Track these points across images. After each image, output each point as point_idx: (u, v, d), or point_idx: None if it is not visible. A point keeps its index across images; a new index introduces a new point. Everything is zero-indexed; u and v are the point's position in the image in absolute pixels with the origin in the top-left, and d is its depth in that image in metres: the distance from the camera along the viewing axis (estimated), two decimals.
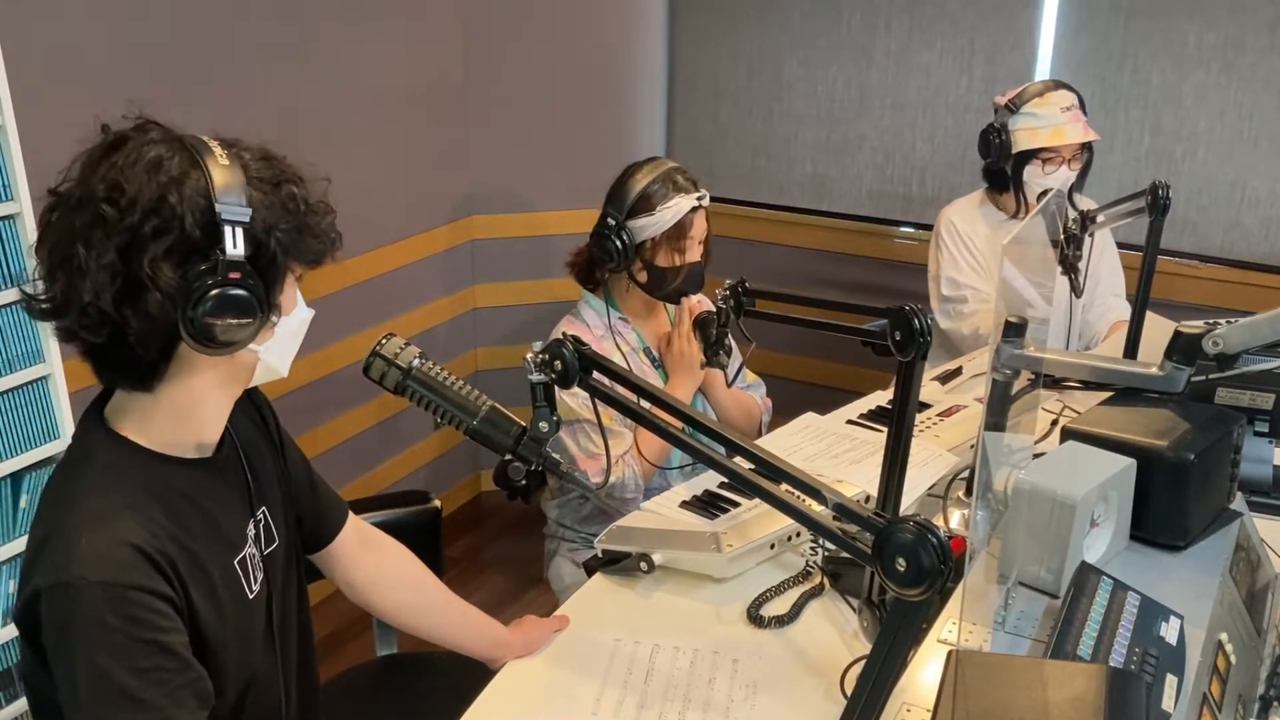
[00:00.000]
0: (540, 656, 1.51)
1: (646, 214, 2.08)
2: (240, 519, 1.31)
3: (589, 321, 2.17)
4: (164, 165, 1.11)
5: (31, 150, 1.68)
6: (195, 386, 1.20)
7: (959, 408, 2.15)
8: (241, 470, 1.34)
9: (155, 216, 1.09)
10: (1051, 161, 2.49)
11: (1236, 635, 1.37)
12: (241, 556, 1.29)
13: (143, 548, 1.13)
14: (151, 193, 1.10)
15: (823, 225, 3.58)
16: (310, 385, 2.90)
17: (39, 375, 1.74)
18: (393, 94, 3.04)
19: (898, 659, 1.02)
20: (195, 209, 1.10)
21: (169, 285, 1.09)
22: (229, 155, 1.14)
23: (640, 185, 2.09)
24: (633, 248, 2.09)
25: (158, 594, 1.13)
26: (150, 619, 1.12)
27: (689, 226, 2.09)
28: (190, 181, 1.11)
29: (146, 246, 1.09)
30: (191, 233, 1.10)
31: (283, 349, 1.24)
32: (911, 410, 1.52)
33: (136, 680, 1.10)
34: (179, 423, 1.22)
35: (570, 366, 1.22)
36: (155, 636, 1.12)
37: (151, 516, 1.17)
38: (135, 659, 1.11)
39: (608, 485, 2.03)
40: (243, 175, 1.13)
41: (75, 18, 2.19)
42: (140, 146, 1.13)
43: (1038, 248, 1.56)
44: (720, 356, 1.87)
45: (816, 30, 3.45)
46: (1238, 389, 1.79)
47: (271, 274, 1.16)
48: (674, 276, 2.11)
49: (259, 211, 1.13)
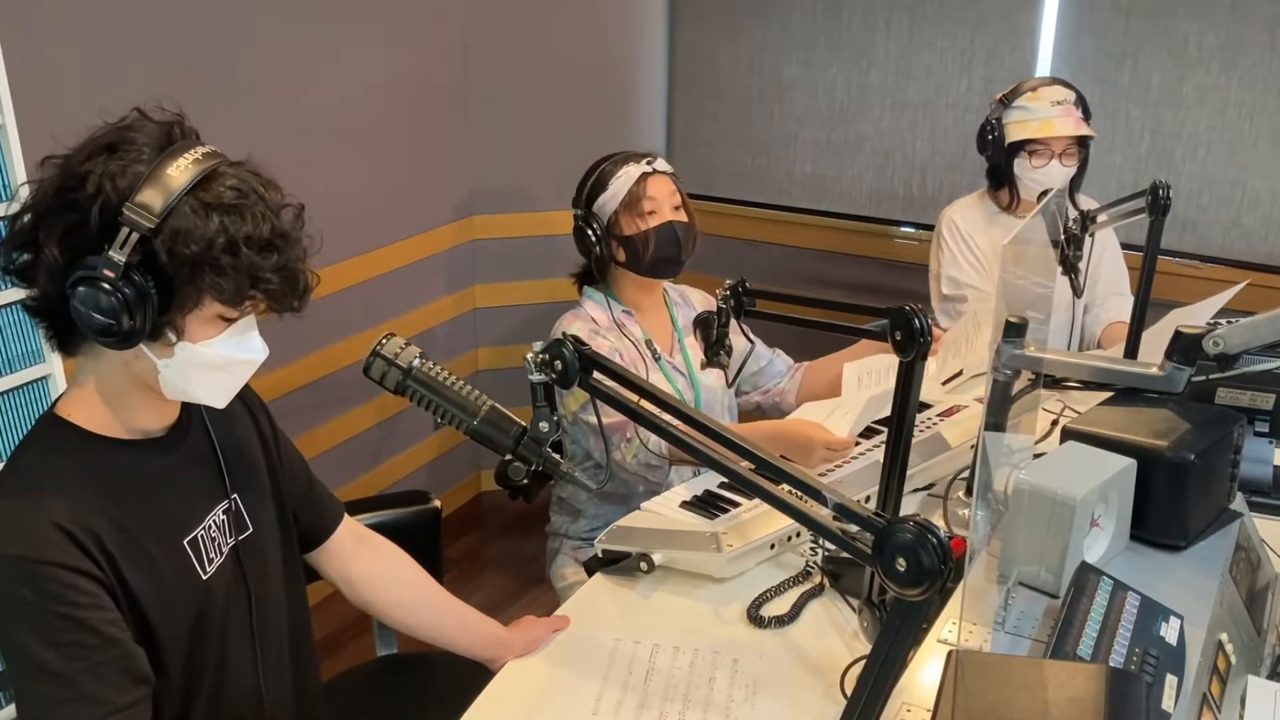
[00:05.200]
0: (540, 656, 1.51)
1: (602, 192, 2.13)
2: (198, 501, 1.32)
3: (593, 315, 2.17)
4: (119, 151, 1.13)
5: (31, 150, 1.68)
6: (111, 374, 1.22)
7: (959, 408, 2.15)
8: (210, 457, 1.35)
9: (72, 193, 1.12)
10: (1040, 155, 2.49)
11: (1236, 635, 1.37)
12: (193, 537, 1.30)
13: (62, 524, 1.15)
14: (83, 170, 1.12)
15: (823, 225, 3.58)
16: (310, 385, 2.90)
17: (39, 375, 1.74)
18: (393, 94, 3.04)
19: (898, 659, 1.02)
20: (106, 201, 1.11)
21: (52, 261, 1.13)
22: (193, 166, 1.13)
23: (595, 173, 2.16)
24: (603, 229, 2.12)
25: (78, 570, 1.15)
26: (66, 594, 1.14)
27: (645, 189, 2.11)
28: (125, 176, 1.12)
29: (51, 217, 1.13)
30: (91, 221, 1.11)
31: (198, 375, 1.21)
32: (911, 410, 1.52)
33: (53, 654, 1.13)
34: (111, 407, 1.24)
35: (570, 366, 1.22)
36: (71, 612, 1.14)
37: (79, 494, 1.18)
38: (51, 633, 1.13)
39: (624, 460, 2.03)
40: (181, 189, 1.12)
41: (75, 18, 2.19)
42: (126, 130, 1.16)
43: (1038, 248, 1.56)
44: (720, 356, 1.87)
45: (816, 30, 3.45)
46: (1238, 389, 1.79)
47: (169, 291, 1.14)
48: (645, 243, 2.11)
49: (172, 228, 1.11)
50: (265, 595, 1.41)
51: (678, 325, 2.27)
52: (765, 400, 2.35)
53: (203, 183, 1.14)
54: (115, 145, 1.14)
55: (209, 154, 1.16)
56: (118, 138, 1.15)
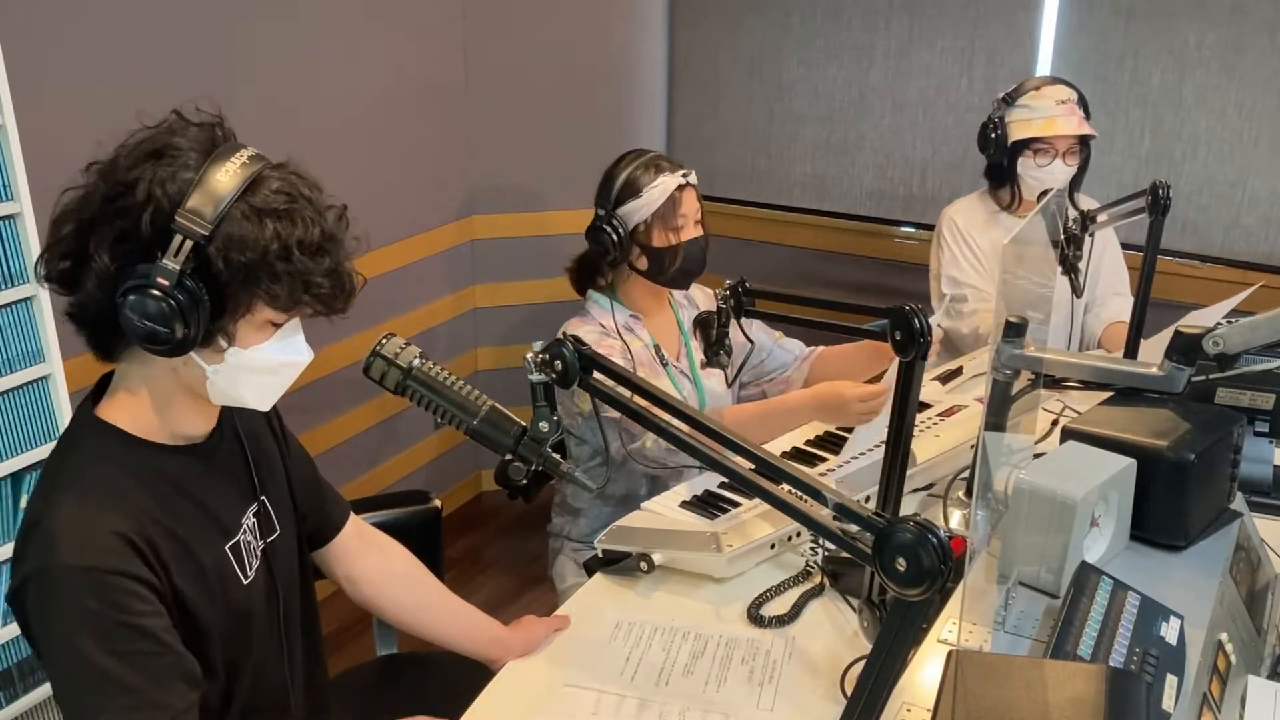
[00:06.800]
0: (540, 656, 1.51)
1: (634, 198, 2.08)
2: (235, 506, 1.32)
3: (599, 319, 2.16)
4: (165, 158, 1.12)
5: (31, 150, 1.68)
6: (158, 380, 1.21)
7: (959, 408, 2.15)
8: (242, 460, 1.35)
9: (121, 200, 1.11)
10: (1044, 153, 2.50)
11: (1236, 635, 1.37)
12: (235, 542, 1.30)
13: (124, 533, 1.14)
14: (131, 178, 1.11)
15: (823, 225, 3.58)
16: (310, 385, 2.90)
17: (39, 375, 1.74)
18: (393, 94, 3.04)
19: (898, 659, 1.02)
20: (158, 209, 1.10)
21: (103, 268, 1.12)
22: (241, 171, 1.13)
23: (624, 173, 2.10)
24: (627, 235, 2.09)
25: (138, 578, 1.15)
26: (129, 603, 1.13)
27: (679, 203, 2.09)
28: (174, 182, 1.11)
29: (101, 225, 1.12)
30: (144, 229, 1.10)
31: (248, 380, 1.21)
32: (911, 410, 1.52)
33: (117, 663, 1.12)
34: (157, 413, 1.23)
35: (570, 366, 1.22)
36: (134, 620, 1.14)
37: (135, 502, 1.18)
38: (115, 642, 1.12)
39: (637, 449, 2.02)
40: (233, 194, 1.11)
41: (75, 18, 2.19)
42: (169, 134, 1.15)
43: (1038, 248, 1.56)
44: (720, 356, 1.86)
45: (816, 30, 3.45)
46: (1238, 389, 1.79)
47: (222, 298, 1.14)
48: (673, 256, 2.10)
49: (225, 234, 1.11)
50: (290, 595, 1.42)
51: (684, 328, 2.26)
52: (771, 390, 2.33)
53: (251, 187, 1.13)
54: (160, 151, 1.13)
55: (254, 157, 1.16)
56: (162, 143, 1.14)
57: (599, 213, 2.11)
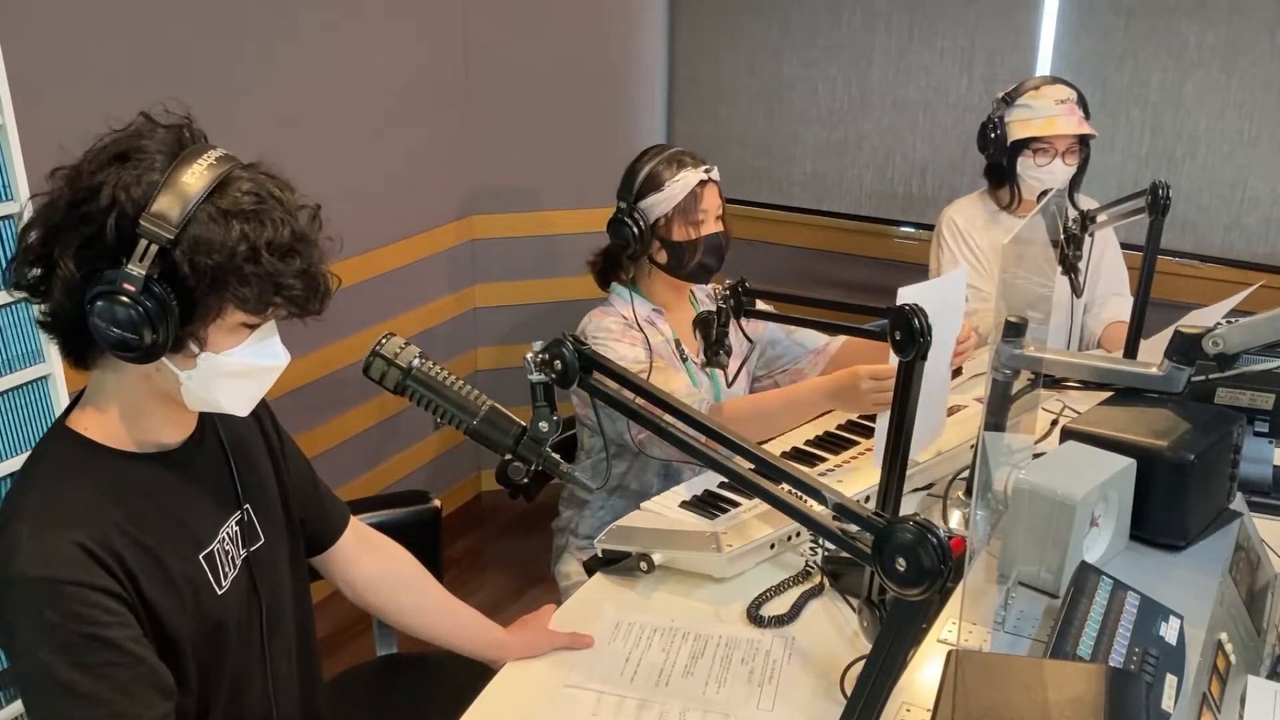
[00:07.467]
0: (540, 656, 1.51)
1: (655, 192, 2.09)
2: (212, 514, 1.31)
3: (623, 312, 2.16)
4: (131, 160, 1.10)
5: (31, 150, 1.68)
6: (130, 388, 1.20)
7: (959, 408, 2.15)
8: (224, 468, 1.33)
9: (85, 205, 1.10)
10: (1044, 153, 2.50)
11: (1236, 635, 1.37)
12: (209, 552, 1.29)
13: (85, 544, 1.13)
14: (95, 182, 1.10)
15: (823, 225, 3.58)
16: (310, 385, 2.90)
17: (39, 375, 1.74)
18: (393, 94, 3.05)
19: (898, 659, 1.02)
20: (122, 213, 1.08)
21: (69, 275, 1.10)
22: (208, 172, 1.11)
23: (646, 167, 2.12)
24: (648, 228, 2.10)
25: (101, 589, 1.13)
26: (91, 614, 1.12)
27: (700, 198, 2.10)
28: (139, 185, 1.09)
29: (66, 231, 1.11)
30: (109, 234, 1.08)
31: (222, 385, 1.19)
32: (911, 410, 1.52)
33: (81, 675, 1.11)
34: (129, 421, 1.22)
35: (570, 366, 1.22)
36: (98, 631, 1.12)
37: (100, 512, 1.17)
38: (79, 654, 1.11)
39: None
40: (199, 196, 1.09)
41: (75, 18, 2.19)
42: (135, 137, 1.13)
43: (1038, 247, 1.56)
44: (720, 356, 1.86)
45: (816, 30, 3.45)
46: (1238, 389, 1.79)
47: (191, 302, 1.12)
48: (693, 251, 2.11)
49: (192, 237, 1.09)
50: (276, 606, 1.40)
51: None
52: (783, 381, 2.31)
53: (219, 189, 1.11)
54: (126, 154, 1.11)
55: (222, 158, 1.14)
56: (128, 146, 1.12)
57: (620, 206, 2.13)
